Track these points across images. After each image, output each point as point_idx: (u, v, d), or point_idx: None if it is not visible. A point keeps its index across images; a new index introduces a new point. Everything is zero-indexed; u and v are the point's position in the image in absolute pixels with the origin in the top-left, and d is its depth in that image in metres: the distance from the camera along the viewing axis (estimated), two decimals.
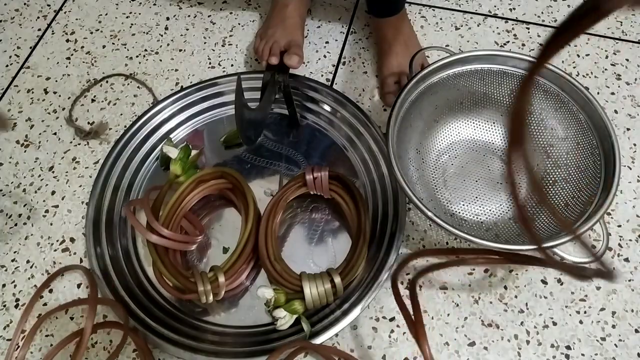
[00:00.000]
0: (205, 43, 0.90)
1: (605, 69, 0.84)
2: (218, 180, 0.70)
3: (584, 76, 0.84)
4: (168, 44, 0.90)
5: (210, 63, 0.87)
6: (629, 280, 0.66)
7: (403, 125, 0.66)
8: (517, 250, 0.59)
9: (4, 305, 0.67)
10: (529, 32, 0.89)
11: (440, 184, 0.71)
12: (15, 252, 0.71)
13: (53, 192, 0.75)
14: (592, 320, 0.64)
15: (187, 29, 0.91)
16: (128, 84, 0.85)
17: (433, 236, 0.70)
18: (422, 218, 0.70)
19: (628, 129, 0.78)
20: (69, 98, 0.84)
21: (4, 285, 0.68)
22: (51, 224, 0.73)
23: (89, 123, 0.81)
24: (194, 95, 0.80)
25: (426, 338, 0.50)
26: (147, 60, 0.88)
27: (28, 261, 0.70)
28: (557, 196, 0.66)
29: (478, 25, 0.90)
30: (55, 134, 0.81)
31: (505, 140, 0.73)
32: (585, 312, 0.65)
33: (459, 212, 0.69)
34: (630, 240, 0.69)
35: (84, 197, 0.75)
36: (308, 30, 0.90)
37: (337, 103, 0.78)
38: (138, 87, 0.85)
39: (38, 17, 0.95)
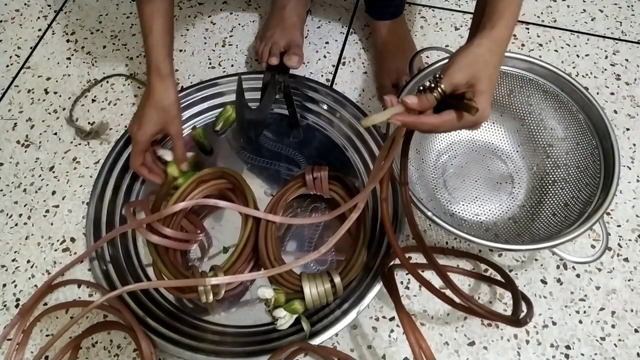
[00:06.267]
0: (205, 43, 0.90)
1: (605, 69, 0.84)
2: (218, 180, 0.70)
3: (583, 76, 0.84)
4: None
5: (210, 63, 0.87)
6: (629, 280, 0.66)
7: None
8: (517, 250, 0.59)
9: (5, 305, 0.67)
10: (528, 32, 0.89)
11: (440, 184, 0.71)
12: (15, 252, 0.71)
13: (53, 192, 0.76)
14: (591, 320, 0.64)
15: (188, 29, 0.92)
16: (128, 84, 0.85)
17: (433, 236, 0.70)
18: (422, 218, 0.71)
19: (628, 129, 0.78)
20: (69, 98, 0.84)
21: (4, 285, 0.68)
22: (52, 224, 0.73)
23: (89, 123, 0.81)
24: (194, 96, 0.80)
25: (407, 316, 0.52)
26: None
27: (29, 261, 0.70)
28: (556, 196, 0.66)
29: None
30: (55, 134, 0.81)
31: (504, 141, 0.73)
32: (584, 312, 0.65)
33: (459, 212, 0.69)
34: (630, 240, 0.69)
35: (84, 197, 0.75)
36: (308, 30, 0.90)
37: (337, 103, 0.78)
38: (138, 87, 0.85)
39: (38, 17, 0.95)
